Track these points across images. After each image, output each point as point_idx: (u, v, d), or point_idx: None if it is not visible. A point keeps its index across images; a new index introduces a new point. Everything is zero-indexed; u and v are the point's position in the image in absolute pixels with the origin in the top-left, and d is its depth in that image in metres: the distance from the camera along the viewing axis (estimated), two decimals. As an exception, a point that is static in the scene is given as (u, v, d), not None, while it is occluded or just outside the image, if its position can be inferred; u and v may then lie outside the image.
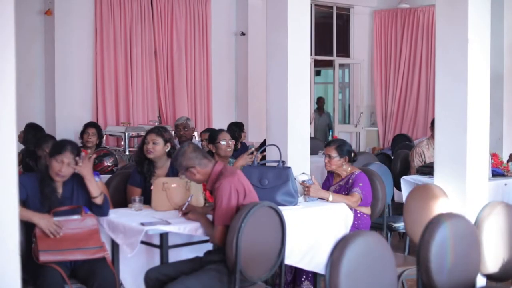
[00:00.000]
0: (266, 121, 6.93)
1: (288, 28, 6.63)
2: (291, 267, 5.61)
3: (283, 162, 5.67)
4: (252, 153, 6.31)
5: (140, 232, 4.64)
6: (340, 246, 3.32)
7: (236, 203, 4.64)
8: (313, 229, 5.43)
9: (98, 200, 4.88)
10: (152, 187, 5.38)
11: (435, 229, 3.82)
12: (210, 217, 4.86)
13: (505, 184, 7.31)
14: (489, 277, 4.46)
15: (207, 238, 4.90)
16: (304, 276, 5.73)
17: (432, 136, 7.72)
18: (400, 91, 14.01)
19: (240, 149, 7.30)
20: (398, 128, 14.02)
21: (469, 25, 5.60)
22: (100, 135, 8.49)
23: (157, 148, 5.69)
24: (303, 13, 6.76)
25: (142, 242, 4.79)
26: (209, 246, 5.05)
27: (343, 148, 5.93)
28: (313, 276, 5.70)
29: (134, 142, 10.20)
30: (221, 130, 6.85)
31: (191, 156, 4.79)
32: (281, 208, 4.87)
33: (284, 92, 6.65)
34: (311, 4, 7.95)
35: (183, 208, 4.96)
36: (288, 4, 6.61)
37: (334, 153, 5.91)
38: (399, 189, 7.54)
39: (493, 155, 7.60)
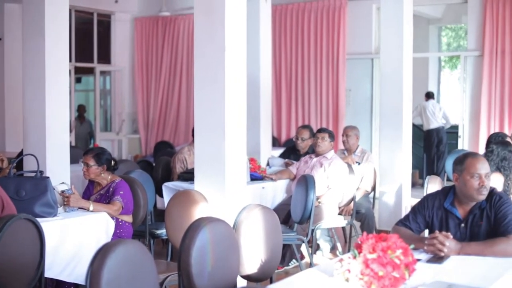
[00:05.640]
0: (23, 130, 6.69)
1: (46, 34, 6.46)
2: (51, 279, 5.44)
3: (41, 172, 5.48)
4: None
5: None
6: (100, 256, 3.27)
7: (-6, 217, 4.43)
8: (74, 240, 5.31)
9: None
10: None
11: (194, 234, 3.88)
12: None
13: (263, 188, 7.60)
14: (249, 278, 4.60)
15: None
16: (65, 288, 5.59)
17: (193, 142, 7.86)
18: (161, 98, 14.13)
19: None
20: (160, 135, 14.13)
21: (225, 33, 5.75)
22: None
23: None
24: (61, 19, 6.62)
25: None
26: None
27: (101, 156, 5.85)
28: (75, 288, 5.58)
29: None
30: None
31: None
32: (39, 219, 4.73)
33: (41, 99, 6.47)
34: (70, 10, 7.79)
35: None
36: (46, 9, 6.44)
37: (92, 162, 5.82)
38: (162, 195, 7.58)
39: (251, 160, 7.87)
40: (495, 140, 6.26)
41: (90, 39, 13.96)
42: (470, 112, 11.62)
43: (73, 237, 5.31)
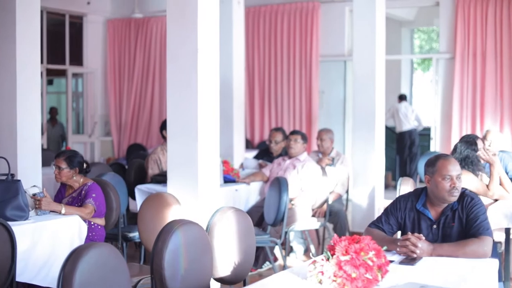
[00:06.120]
0: (-6, 133, 6.62)
1: (17, 35, 6.40)
2: (23, 284, 5.38)
3: (13, 175, 5.43)
4: None
5: None
6: (72, 259, 3.25)
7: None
8: (46, 244, 5.26)
9: None
10: None
11: (167, 237, 3.87)
12: None
13: (236, 190, 7.60)
14: (222, 280, 4.59)
15: None
16: (39, 292, 5.53)
17: (165, 140, 7.83)
18: (134, 100, 14.06)
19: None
20: (133, 137, 14.05)
21: (198, 35, 5.74)
22: None
23: None
24: (33, 20, 6.55)
25: None
26: None
27: (73, 159, 5.80)
28: (48, 292, 5.52)
29: None
30: None
31: None
32: (10, 223, 4.68)
33: (13, 102, 6.40)
34: (42, 11, 7.73)
35: None
36: (17, 10, 6.37)
37: (63, 165, 5.77)
38: (134, 198, 7.54)
39: (224, 162, 7.86)
40: (464, 139, 6.29)
41: (62, 41, 13.85)
42: (442, 114, 11.70)
43: (45, 240, 5.26)
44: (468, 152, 6.07)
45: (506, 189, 6.07)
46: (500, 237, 6.17)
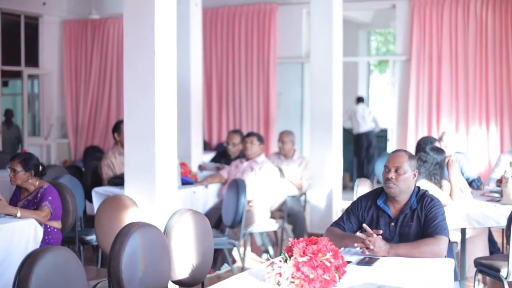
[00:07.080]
0: None
1: (-30, 36, 6.31)
2: (-23, 288, 5.31)
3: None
4: None
5: None
6: (28, 263, 3.21)
7: None
8: (1, 248, 5.19)
9: None
10: None
11: (124, 240, 3.84)
12: None
13: (194, 192, 7.58)
14: (180, 283, 4.57)
15: None
16: (-8, 297, 5.45)
17: (116, 143, 7.77)
18: (91, 102, 13.95)
19: None
20: (89, 139, 13.93)
21: (155, 38, 5.72)
22: None
23: None
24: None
25: None
26: None
27: (28, 161, 5.73)
28: (3, 297, 5.45)
29: None
30: None
31: None
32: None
33: (-34, 103, 6.32)
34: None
35: None
36: (-30, 11, 6.28)
37: (18, 167, 5.70)
38: (91, 201, 7.47)
39: (182, 164, 7.83)
40: (431, 146, 6.34)
41: (17, 42, 13.66)
42: (399, 116, 11.81)
43: (0, 244, 5.19)
44: (437, 162, 6.15)
45: (462, 190, 6.16)
46: (456, 237, 6.25)
